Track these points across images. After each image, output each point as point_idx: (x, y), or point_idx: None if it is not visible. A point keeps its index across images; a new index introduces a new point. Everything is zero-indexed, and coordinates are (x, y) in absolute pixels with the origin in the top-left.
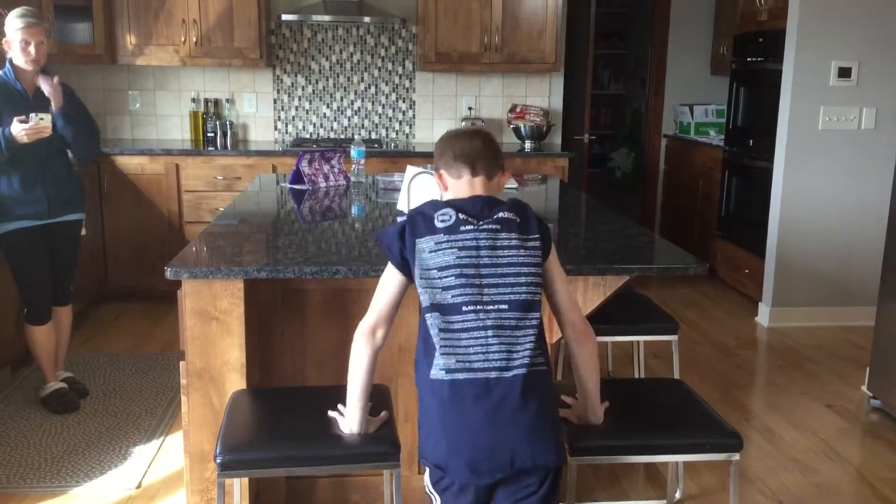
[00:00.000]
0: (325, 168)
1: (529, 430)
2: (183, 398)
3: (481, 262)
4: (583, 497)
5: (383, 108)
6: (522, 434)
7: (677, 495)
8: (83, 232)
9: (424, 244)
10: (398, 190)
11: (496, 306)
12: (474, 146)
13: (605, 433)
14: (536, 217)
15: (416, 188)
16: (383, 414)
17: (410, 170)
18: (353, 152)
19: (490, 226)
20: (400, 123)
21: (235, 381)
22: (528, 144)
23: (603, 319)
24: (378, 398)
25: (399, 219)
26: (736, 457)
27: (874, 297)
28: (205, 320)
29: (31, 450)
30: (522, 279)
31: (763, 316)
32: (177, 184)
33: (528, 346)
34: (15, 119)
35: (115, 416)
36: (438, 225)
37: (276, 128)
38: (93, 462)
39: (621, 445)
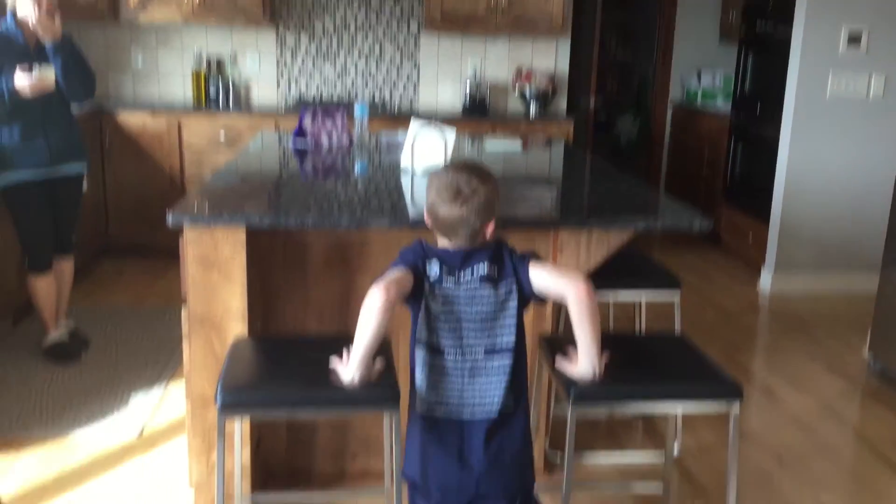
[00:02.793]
0: (329, 125)
1: (494, 465)
2: (185, 344)
3: (462, 313)
4: (581, 449)
5: (387, 69)
6: (487, 468)
7: (675, 450)
8: (85, 187)
9: (425, 285)
10: (402, 148)
11: (473, 352)
12: (461, 216)
13: (605, 381)
14: (511, 257)
15: (420, 143)
16: (379, 362)
17: (415, 123)
18: (357, 110)
19: (469, 284)
20: (404, 86)
21: (237, 329)
22: (532, 108)
23: (604, 278)
24: (379, 349)
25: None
26: (736, 405)
27: (878, 263)
28: (206, 268)
29: (33, 397)
30: (497, 328)
31: (766, 281)
32: (178, 141)
33: (499, 389)
34: (18, 70)
35: (117, 367)
36: (429, 275)
37: (278, 87)
38: (94, 410)
39: (620, 392)
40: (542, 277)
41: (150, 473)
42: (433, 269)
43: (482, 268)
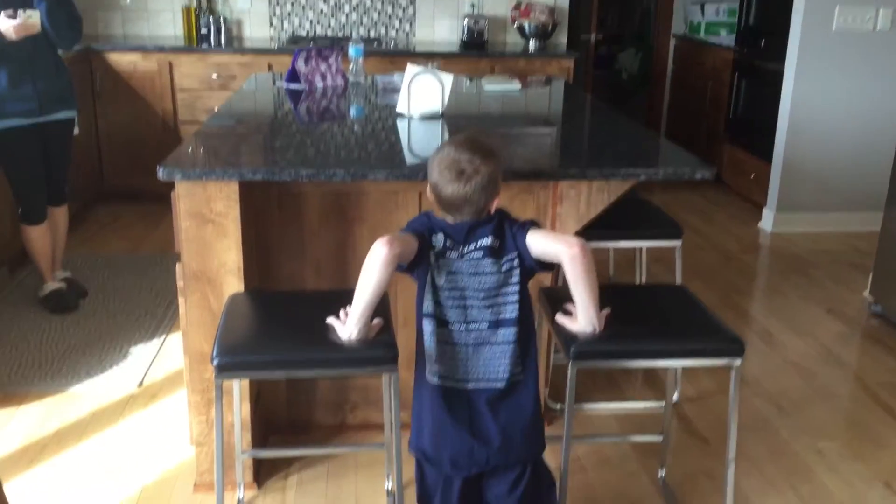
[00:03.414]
0: (323, 67)
1: (503, 436)
2: (180, 300)
3: (465, 285)
4: (580, 399)
5: (382, 4)
6: (497, 438)
7: (675, 398)
8: (76, 131)
9: (432, 258)
10: (398, 91)
11: (477, 325)
12: (465, 195)
13: (606, 338)
14: (512, 228)
15: (417, 89)
16: (377, 321)
17: (410, 69)
18: (351, 50)
19: (473, 254)
20: (400, 21)
21: (233, 284)
22: (532, 44)
23: (604, 224)
24: (378, 307)
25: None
26: (737, 362)
27: (881, 203)
28: (200, 222)
29: (32, 349)
30: (500, 299)
31: (767, 221)
32: (170, 82)
33: (506, 360)
34: (2, 14)
35: (115, 317)
36: (434, 245)
37: (271, 24)
38: (93, 361)
39: (621, 350)
40: (537, 242)
41: (150, 428)
42: (438, 240)
43: (485, 241)
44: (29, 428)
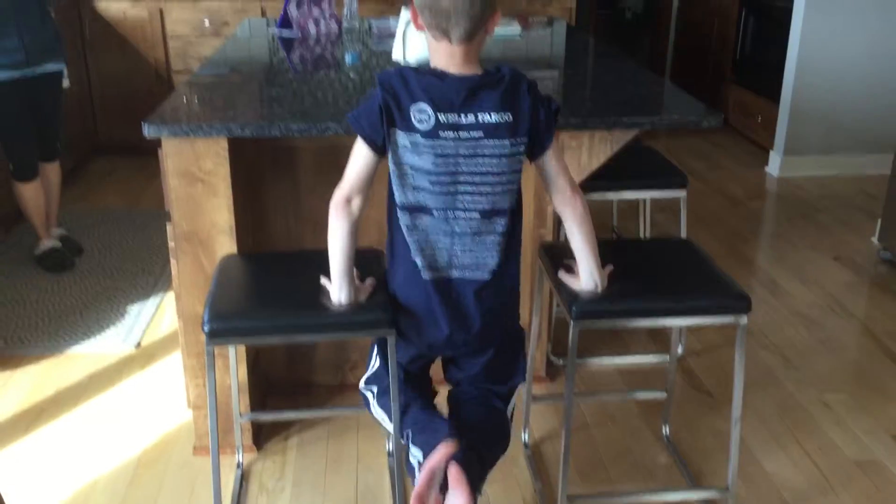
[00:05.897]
0: (316, 12)
1: (483, 321)
2: (172, 261)
3: (459, 169)
4: (584, 353)
5: None
6: (477, 323)
7: (679, 352)
8: (66, 84)
9: (400, 139)
10: (394, 35)
11: (467, 214)
12: (459, 2)
13: (608, 297)
14: (531, 107)
15: (412, 34)
16: (370, 281)
17: (405, 14)
18: None
19: (473, 132)
20: None
21: (226, 245)
22: None
23: (607, 174)
24: (370, 262)
25: (375, 92)
26: (744, 319)
27: (892, 145)
28: (189, 181)
29: (28, 310)
30: (499, 188)
31: (774, 165)
32: (162, 30)
33: (493, 251)
34: None
35: (112, 275)
36: (416, 124)
37: None
38: (90, 321)
39: (624, 309)
40: (547, 166)
41: (149, 390)
42: (423, 114)
43: (489, 116)
44: (26, 392)
